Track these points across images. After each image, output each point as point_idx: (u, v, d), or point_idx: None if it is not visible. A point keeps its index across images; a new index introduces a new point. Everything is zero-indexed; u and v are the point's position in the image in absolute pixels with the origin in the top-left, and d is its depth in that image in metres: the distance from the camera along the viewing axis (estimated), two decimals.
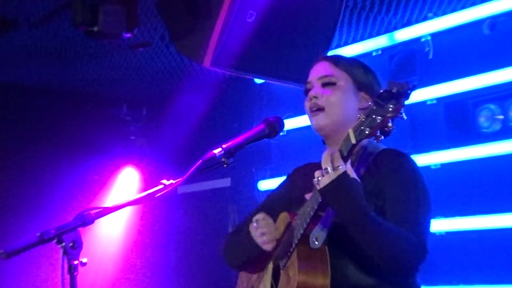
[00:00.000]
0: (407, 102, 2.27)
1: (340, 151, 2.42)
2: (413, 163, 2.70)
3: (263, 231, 2.66)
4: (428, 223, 2.62)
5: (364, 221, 2.41)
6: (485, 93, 4.45)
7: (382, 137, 2.34)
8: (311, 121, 2.78)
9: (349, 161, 2.45)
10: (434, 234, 4.62)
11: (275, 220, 2.78)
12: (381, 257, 2.47)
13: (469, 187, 4.48)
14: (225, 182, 6.33)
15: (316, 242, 2.51)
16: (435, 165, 4.64)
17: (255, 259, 2.80)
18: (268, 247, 2.68)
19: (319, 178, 2.43)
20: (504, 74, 4.30)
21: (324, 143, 2.85)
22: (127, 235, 6.94)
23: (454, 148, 4.56)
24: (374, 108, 2.27)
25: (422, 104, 4.67)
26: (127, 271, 6.87)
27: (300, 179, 2.89)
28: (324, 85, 2.75)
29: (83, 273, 2.46)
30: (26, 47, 5.59)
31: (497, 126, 4.41)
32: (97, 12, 4.31)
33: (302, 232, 2.53)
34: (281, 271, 2.64)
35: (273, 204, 2.94)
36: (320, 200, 2.45)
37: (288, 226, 2.67)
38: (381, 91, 2.27)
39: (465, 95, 4.56)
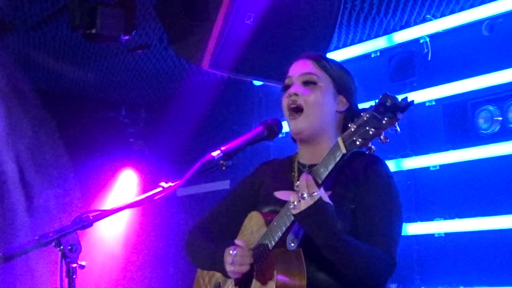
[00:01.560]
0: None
1: (314, 177, 2.43)
2: (386, 168, 2.70)
3: (237, 261, 2.60)
4: (400, 233, 2.64)
5: (337, 245, 2.43)
6: (484, 95, 4.46)
7: (374, 148, 2.33)
8: (289, 124, 2.75)
9: (322, 187, 2.45)
10: (433, 235, 4.62)
11: (240, 214, 2.79)
12: (353, 275, 2.51)
13: (468, 188, 4.48)
14: (224, 185, 6.33)
15: (292, 244, 2.53)
16: (434, 166, 4.64)
17: None
18: (235, 276, 2.66)
19: (295, 203, 2.43)
20: (503, 76, 4.30)
21: (294, 141, 2.84)
22: (127, 237, 6.94)
23: (453, 149, 4.56)
24: (366, 119, 2.27)
25: (421, 105, 4.68)
26: (126, 273, 6.86)
27: (269, 175, 2.87)
28: (305, 83, 2.73)
29: (82, 276, 2.46)
30: (24, 50, 5.58)
31: (496, 128, 4.42)
32: (95, 15, 4.30)
33: (280, 236, 2.52)
34: (254, 272, 2.62)
35: (239, 198, 2.92)
36: (293, 220, 2.47)
37: (262, 227, 2.65)
38: (376, 103, 2.26)
39: (464, 97, 4.56)
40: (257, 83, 5.79)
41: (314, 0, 4.23)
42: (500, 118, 4.40)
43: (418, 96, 4.69)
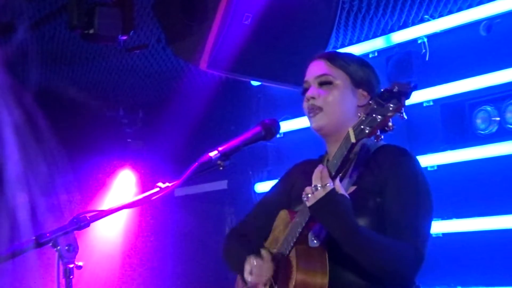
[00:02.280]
0: (406, 102, 2.27)
1: (328, 168, 2.44)
2: (414, 161, 2.68)
3: (254, 272, 2.64)
4: (428, 227, 2.62)
5: (352, 238, 2.42)
6: (482, 95, 4.45)
7: (382, 137, 2.34)
8: (310, 122, 2.77)
9: (338, 178, 2.46)
10: (431, 236, 4.62)
11: (274, 217, 2.80)
12: (374, 270, 2.49)
13: (465, 189, 4.47)
14: (222, 185, 6.33)
15: (315, 241, 2.52)
16: (432, 167, 4.64)
17: None
18: (251, 285, 2.70)
19: (309, 195, 2.44)
20: (501, 76, 4.30)
21: (325, 142, 2.85)
22: (125, 238, 6.93)
23: (450, 150, 4.56)
24: (375, 107, 2.27)
25: (419, 105, 4.67)
26: (124, 274, 6.86)
27: (300, 176, 2.88)
28: (321, 84, 2.73)
29: (79, 276, 2.45)
30: (22, 50, 5.57)
31: (493, 128, 4.42)
32: (93, 15, 4.30)
33: (300, 232, 2.53)
34: (280, 271, 2.63)
35: (273, 200, 2.94)
36: (309, 215, 2.48)
37: (287, 225, 2.67)
38: (382, 90, 2.27)
39: (461, 97, 4.56)
40: (255, 83, 5.79)
41: (312, 1, 4.23)
42: (498, 119, 4.39)
43: (416, 96, 4.68)
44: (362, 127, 2.31)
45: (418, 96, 4.68)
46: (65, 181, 6.32)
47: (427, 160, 4.65)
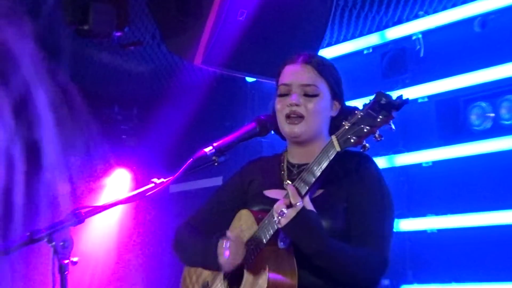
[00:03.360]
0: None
1: (297, 188, 2.45)
2: (376, 167, 2.71)
3: (231, 253, 2.59)
4: (391, 232, 2.65)
5: (323, 252, 2.45)
6: (476, 91, 4.46)
7: (368, 146, 2.33)
8: (284, 127, 2.71)
9: (307, 194, 2.46)
10: (425, 231, 4.63)
11: (229, 212, 2.79)
12: (343, 279, 2.53)
13: (460, 185, 4.49)
14: (217, 181, 6.32)
15: (282, 243, 2.53)
16: (427, 163, 4.65)
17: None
18: (228, 269, 2.64)
19: (280, 218, 2.44)
20: (495, 72, 4.31)
21: (284, 140, 2.83)
22: (120, 234, 6.93)
23: (445, 146, 4.57)
24: (360, 117, 2.28)
25: (413, 102, 4.68)
26: (119, 270, 6.86)
27: (258, 173, 2.86)
28: (307, 94, 2.68)
29: (74, 272, 2.45)
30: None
31: (488, 124, 4.43)
32: (87, 11, 4.30)
33: (271, 234, 2.52)
34: (245, 270, 2.61)
35: (228, 197, 2.91)
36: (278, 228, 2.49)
37: (252, 225, 2.64)
38: (371, 101, 2.27)
39: (456, 93, 4.57)
40: (249, 79, 5.79)
41: None
42: (492, 115, 4.41)
43: (411, 93, 4.69)
44: (348, 136, 2.31)
45: (413, 93, 4.68)
46: (60, 176, 6.32)
47: (422, 156, 4.66)
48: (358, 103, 2.41)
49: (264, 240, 2.54)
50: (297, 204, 2.43)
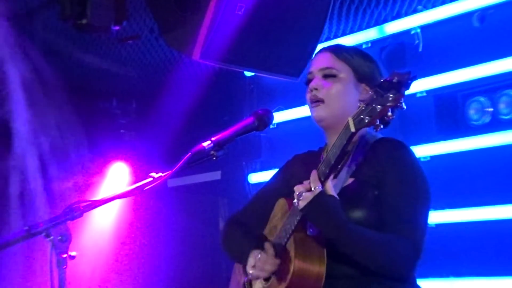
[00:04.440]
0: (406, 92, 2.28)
1: (325, 161, 2.47)
2: (412, 154, 2.69)
3: (257, 267, 2.65)
4: (425, 220, 2.63)
5: (343, 236, 2.45)
6: (475, 86, 4.46)
7: (382, 127, 2.34)
8: (311, 112, 2.78)
9: (330, 178, 2.49)
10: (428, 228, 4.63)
11: (272, 206, 2.83)
12: (370, 266, 2.51)
13: (459, 179, 4.48)
14: (215, 175, 6.33)
15: (311, 229, 2.53)
16: (425, 157, 4.64)
17: None
18: (252, 279, 2.74)
19: (299, 200, 2.48)
20: (494, 67, 4.31)
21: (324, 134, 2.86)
22: (118, 228, 6.93)
23: (443, 140, 4.57)
24: (374, 97, 2.29)
25: (412, 96, 4.68)
26: (117, 264, 6.86)
27: (300, 166, 2.90)
28: (325, 76, 2.74)
29: (72, 266, 2.45)
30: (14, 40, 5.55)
31: (486, 119, 4.42)
32: (85, 5, 4.29)
33: (298, 219, 2.55)
34: (278, 256, 2.64)
35: (273, 190, 2.95)
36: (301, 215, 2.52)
37: (285, 213, 2.68)
38: (382, 80, 2.28)
39: (454, 88, 4.56)
40: (248, 73, 5.78)
41: None
42: (491, 109, 4.40)
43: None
44: (361, 116, 2.33)
45: (412, 87, 4.67)
46: (58, 170, 6.32)
47: (420, 151, 4.65)
48: None
49: (292, 226, 2.56)
50: (316, 188, 2.45)
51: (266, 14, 4.12)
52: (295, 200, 2.49)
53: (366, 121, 2.31)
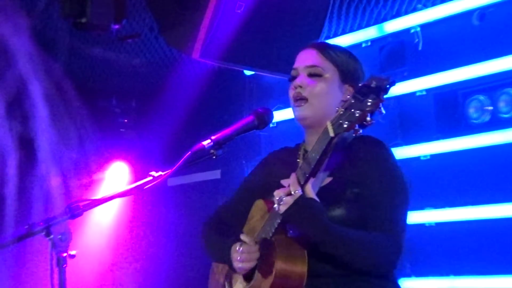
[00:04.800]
0: (393, 95, 2.28)
1: (297, 176, 2.48)
2: (390, 153, 2.71)
3: (243, 258, 2.64)
4: (405, 218, 2.64)
5: (325, 238, 2.46)
6: (475, 84, 4.46)
7: (361, 131, 2.34)
8: (293, 110, 2.77)
9: (310, 180, 2.48)
10: (423, 225, 4.63)
11: (251, 205, 2.82)
12: (353, 265, 2.53)
13: (458, 178, 4.48)
14: (215, 174, 6.33)
15: (291, 231, 2.54)
16: (425, 156, 4.65)
17: None
18: (241, 272, 2.70)
19: (279, 205, 2.48)
20: (494, 65, 4.31)
21: (304, 132, 2.86)
22: (118, 227, 6.93)
23: (443, 139, 4.57)
24: (353, 102, 2.28)
25: (412, 95, 4.68)
26: (117, 263, 6.86)
27: (277, 164, 2.90)
28: (310, 75, 2.73)
29: (72, 265, 2.45)
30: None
31: (486, 117, 4.42)
32: (85, 4, 4.28)
33: (278, 222, 2.55)
34: (258, 260, 2.64)
35: (251, 188, 2.95)
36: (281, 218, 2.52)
37: (264, 215, 2.68)
38: (360, 85, 2.27)
39: (454, 86, 4.56)
40: (248, 72, 5.78)
41: None
42: (491, 108, 4.40)
43: (409, 86, 4.69)
44: (340, 121, 2.32)
45: (411, 86, 4.68)
46: (58, 170, 6.30)
47: (420, 149, 4.66)
48: None
49: (272, 228, 2.56)
50: (296, 191, 2.45)
51: (266, 13, 4.12)
52: (276, 205, 2.49)
53: (345, 126, 2.30)
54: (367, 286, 2.58)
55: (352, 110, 2.28)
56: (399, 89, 4.73)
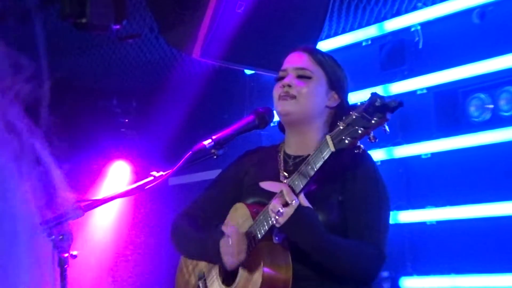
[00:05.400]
0: (393, 93, 2.27)
1: (290, 185, 2.45)
2: (372, 161, 2.72)
3: (235, 251, 2.57)
4: (387, 225, 2.65)
5: (321, 247, 2.47)
6: (475, 83, 4.46)
7: (362, 147, 2.35)
8: (277, 106, 2.74)
9: (302, 193, 2.47)
10: (425, 223, 4.63)
11: (225, 202, 2.78)
12: (341, 273, 2.55)
13: (459, 176, 4.49)
14: (216, 174, 6.32)
15: (277, 238, 2.53)
16: (426, 154, 4.65)
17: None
18: (231, 267, 2.62)
19: (277, 218, 2.44)
20: (494, 63, 4.31)
21: (282, 131, 2.84)
22: (120, 227, 6.93)
23: (444, 137, 4.57)
24: (355, 118, 2.28)
25: (412, 93, 4.68)
26: (118, 263, 6.86)
27: (253, 165, 2.87)
28: (300, 77, 2.73)
29: (73, 266, 2.46)
30: (14, 40, 5.55)
31: (487, 115, 4.42)
32: (85, 4, 4.28)
33: (266, 230, 2.53)
34: (240, 264, 2.60)
35: (225, 185, 2.91)
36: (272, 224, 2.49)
37: (247, 219, 2.64)
38: (366, 103, 2.26)
39: (455, 85, 4.56)
40: (248, 72, 5.78)
41: None
42: (491, 106, 4.40)
43: (409, 84, 4.69)
44: (342, 137, 2.31)
45: (412, 84, 4.68)
46: (59, 170, 6.30)
47: (421, 148, 4.66)
48: (357, 95, 2.41)
49: (259, 235, 2.54)
50: (293, 202, 2.43)
51: (266, 12, 4.12)
52: (273, 218, 2.46)
53: (347, 142, 2.30)
54: None
55: (356, 127, 2.27)
56: (399, 87, 4.73)
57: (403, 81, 4.71)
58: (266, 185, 2.62)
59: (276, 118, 2.82)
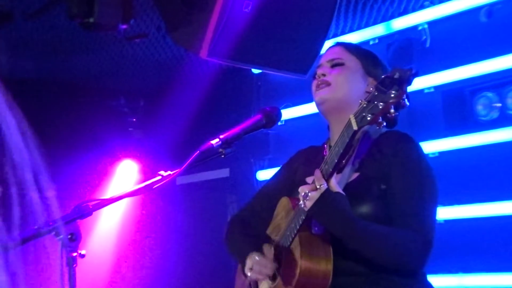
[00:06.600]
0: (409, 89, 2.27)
1: (321, 171, 2.45)
2: (418, 147, 2.68)
3: (255, 270, 2.67)
4: (434, 214, 2.60)
5: (352, 233, 2.43)
6: (483, 81, 4.45)
7: (384, 123, 2.31)
8: (314, 96, 2.78)
9: (334, 176, 2.46)
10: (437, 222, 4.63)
11: (275, 204, 2.82)
12: (380, 261, 2.50)
13: (467, 175, 4.48)
14: (224, 173, 6.33)
15: (316, 228, 2.52)
16: (433, 153, 4.64)
17: None
18: (251, 280, 2.75)
19: (304, 201, 2.46)
20: (502, 62, 4.30)
21: (328, 128, 2.85)
22: (127, 226, 6.95)
23: (451, 136, 4.56)
24: (376, 94, 2.26)
25: (420, 92, 4.67)
26: (126, 262, 6.87)
27: (303, 162, 2.90)
28: (333, 66, 2.77)
29: (82, 265, 2.46)
30: (22, 39, 5.57)
31: (494, 114, 4.41)
32: (92, 4, 4.29)
33: (303, 219, 2.53)
34: (283, 256, 2.64)
35: (276, 187, 2.95)
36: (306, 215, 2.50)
37: (289, 212, 2.67)
38: (383, 76, 2.26)
39: (462, 83, 4.55)
40: (255, 71, 5.78)
41: None
42: (499, 105, 4.39)
43: (417, 83, 4.68)
44: (363, 114, 2.29)
45: (419, 83, 4.67)
46: (67, 170, 6.33)
47: (429, 147, 4.64)
48: None
49: (297, 225, 2.54)
50: (321, 186, 2.42)
51: (274, 11, 4.12)
52: (301, 202, 2.47)
53: (369, 118, 2.28)
54: (392, 285, 2.55)
55: (375, 102, 2.26)
56: None
57: (416, 77, 4.70)
58: (310, 179, 2.61)
59: (285, 117, 2.83)
